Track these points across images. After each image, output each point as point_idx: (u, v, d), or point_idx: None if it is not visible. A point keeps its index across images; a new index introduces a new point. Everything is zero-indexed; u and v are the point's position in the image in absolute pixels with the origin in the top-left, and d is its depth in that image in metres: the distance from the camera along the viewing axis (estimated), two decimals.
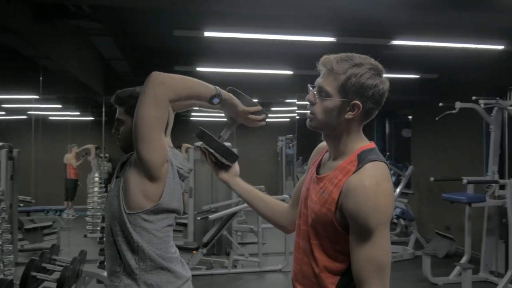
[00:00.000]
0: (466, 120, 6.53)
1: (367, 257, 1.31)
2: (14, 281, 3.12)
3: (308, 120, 1.47)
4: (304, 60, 5.75)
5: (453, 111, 5.70)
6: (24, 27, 4.08)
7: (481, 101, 5.61)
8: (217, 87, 1.64)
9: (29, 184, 7.27)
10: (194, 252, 5.97)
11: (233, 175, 1.73)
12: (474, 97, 5.64)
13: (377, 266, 1.31)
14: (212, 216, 6.01)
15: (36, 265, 3.41)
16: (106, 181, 8.54)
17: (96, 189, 8.29)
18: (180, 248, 5.98)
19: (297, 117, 8.72)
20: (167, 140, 2.00)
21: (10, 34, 4.16)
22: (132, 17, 4.58)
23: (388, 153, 9.13)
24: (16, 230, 6.09)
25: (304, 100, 1.48)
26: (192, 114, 10.93)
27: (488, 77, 6.57)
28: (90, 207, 8.21)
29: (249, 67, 6.13)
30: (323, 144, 1.58)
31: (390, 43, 4.95)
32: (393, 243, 7.56)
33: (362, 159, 1.38)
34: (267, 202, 1.73)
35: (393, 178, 8.25)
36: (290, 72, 6.47)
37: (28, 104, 7.17)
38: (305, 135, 10.74)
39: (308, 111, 1.46)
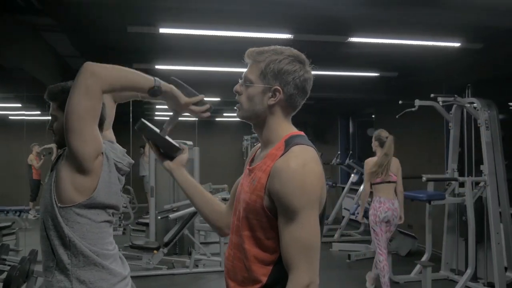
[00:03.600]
0: (427, 118, 6.65)
1: (293, 238, 1.31)
2: None
3: (236, 111, 1.51)
4: None
5: (413, 109, 5.77)
6: None
7: (440, 99, 5.68)
8: (156, 78, 1.62)
9: None
10: (155, 251, 5.90)
11: (178, 164, 1.71)
12: (432, 95, 5.72)
13: (304, 247, 1.31)
14: (172, 216, 5.96)
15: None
16: None
17: None
18: (141, 247, 5.93)
19: None
20: (109, 133, 1.96)
21: None
22: (85, 13, 4.50)
23: (351, 152, 9.23)
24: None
25: None
26: (156, 113, 10.87)
27: (448, 75, 6.70)
28: None
29: (207, 64, 6.10)
30: (257, 146, 1.61)
31: (348, 40, 5.00)
32: (356, 241, 7.67)
33: (289, 143, 1.40)
34: (207, 199, 1.71)
35: (356, 177, 8.34)
36: None
37: None
38: None
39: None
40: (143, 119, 1.64)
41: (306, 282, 1.30)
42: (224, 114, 11.77)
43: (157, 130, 1.65)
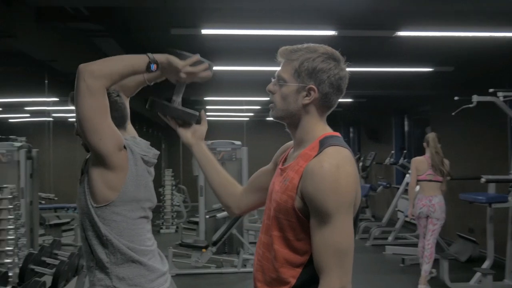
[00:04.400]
0: (489, 115, 6.27)
1: (326, 242, 1.28)
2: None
3: (270, 111, 1.50)
4: None
5: (470, 105, 5.49)
6: (27, 31, 4.20)
7: (500, 94, 5.37)
8: (149, 53, 1.62)
9: (55, 183, 7.53)
10: (204, 250, 5.99)
11: (198, 138, 1.71)
12: (491, 90, 5.41)
13: (337, 251, 1.28)
14: (219, 215, 6.02)
15: (35, 258, 3.51)
16: None
17: None
18: (190, 246, 6.03)
19: None
20: (129, 128, 1.99)
21: (14, 39, 4.28)
22: (130, 17, 4.64)
23: (405, 151, 8.90)
24: (37, 225, 6.28)
25: None
26: (208, 114, 11.06)
27: (509, 67, 6.29)
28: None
29: (252, 64, 6.10)
30: (289, 143, 1.58)
31: (395, 34, 4.81)
32: (411, 245, 7.38)
33: (323, 144, 1.37)
34: (222, 177, 1.70)
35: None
36: None
37: (49, 106, 7.41)
38: None
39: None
40: (151, 97, 1.65)
41: (338, 287, 1.27)
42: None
43: (168, 103, 1.65)
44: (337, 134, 1.46)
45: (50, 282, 3.28)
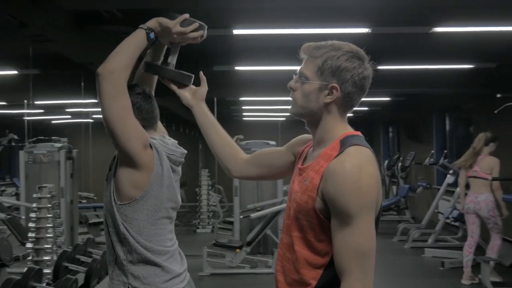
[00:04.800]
0: None
1: (347, 244, 1.26)
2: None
3: (290, 107, 1.48)
4: None
5: None
6: (65, 35, 4.34)
7: None
8: (141, 25, 1.63)
9: (95, 182, 7.74)
10: (238, 250, 5.99)
11: (198, 99, 1.72)
12: None
13: (359, 253, 1.25)
14: (253, 215, 6.01)
15: (68, 256, 3.61)
16: None
17: None
18: (224, 245, 6.05)
19: None
20: (158, 126, 2.00)
21: (53, 43, 4.43)
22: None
23: (446, 151, 8.62)
24: (76, 224, 6.48)
25: None
26: (244, 114, 11.10)
27: None
28: None
29: (285, 63, 6.05)
30: (308, 136, 1.55)
31: (432, 30, 4.66)
32: (452, 248, 7.14)
33: (344, 143, 1.34)
34: (221, 139, 1.71)
35: (453, 178, 7.78)
36: None
37: (88, 108, 7.63)
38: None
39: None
40: (146, 60, 1.70)
41: None
42: None
43: (163, 66, 1.69)
44: (358, 133, 1.42)
45: (83, 280, 3.36)
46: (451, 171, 7.87)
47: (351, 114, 11.79)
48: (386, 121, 12.33)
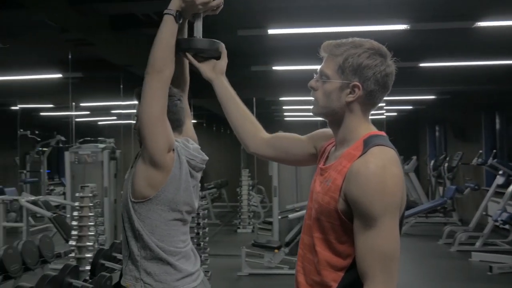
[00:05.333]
0: None
1: (370, 246, 1.23)
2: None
3: (311, 107, 1.45)
4: None
5: None
6: (104, 39, 4.46)
7: None
8: (165, 11, 1.61)
9: None
10: (276, 250, 5.96)
11: (218, 73, 1.70)
12: None
13: (382, 256, 1.22)
14: (291, 216, 5.96)
15: (105, 254, 3.69)
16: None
17: None
18: (262, 246, 6.04)
19: (385, 114, 8.26)
20: (185, 130, 1.99)
21: (93, 47, 4.57)
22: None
23: (495, 151, 8.23)
24: (120, 223, 6.66)
25: (392, 95, 1.44)
26: (285, 114, 11.05)
27: None
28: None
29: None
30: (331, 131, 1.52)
31: (475, 25, 4.46)
32: (502, 252, 6.82)
33: (368, 143, 1.31)
34: (241, 113, 1.68)
35: (503, 179, 7.43)
36: None
37: (132, 109, 7.82)
38: (398, 132, 10.19)
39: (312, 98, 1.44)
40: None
41: None
42: None
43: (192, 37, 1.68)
44: (382, 133, 1.38)
45: (118, 278, 3.43)
46: (500, 172, 7.53)
47: (394, 114, 11.53)
48: (432, 120, 11.96)
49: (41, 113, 8.68)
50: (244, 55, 5.83)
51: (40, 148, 9.07)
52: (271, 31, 4.59)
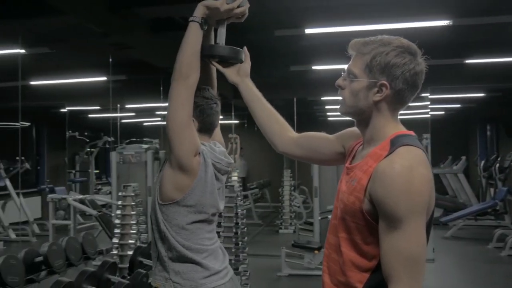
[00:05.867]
0: None
1: (395, 249, 1.21)
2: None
3: (339, 106, 1.44)
4: (425, 49, 5.22)
5: None
6: (143, 42, 4.58)
7: None
8: (190, 18, 1.64)
9: None
10: (316, 251, 5.91)
11: (243, 76, 1.72)
12: None
13: (407, 259, 1.20)
14: (330, 217, 5.89)
15: (143, 251, 3.78)
16: None
17: None
18: (302, 247, 6.01)
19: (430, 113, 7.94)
20: (215, 133, 2.02)
21: (133, 50, 4.69)
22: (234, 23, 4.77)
23: None
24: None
25: (438, 94, 1.42)
26: (328, 114, 10.90)
27: None
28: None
29: None
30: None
31: None
32: None
33: (395, 143, 1.29)
34: (267, 114, 1.69)
35: None
36: None
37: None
38: (446, 132, 9.82)
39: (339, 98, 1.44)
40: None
41: None
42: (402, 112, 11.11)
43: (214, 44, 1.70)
44: (411, 133, 1.35)
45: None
46: None
47: (441, 112, 11.15)
48: (482, 119, 11.49)
49: (89, 115, 9.02)
50: (282, 55, 5.83)
51: (89, 149, 9.43)
52: (308, 31, 4.56)
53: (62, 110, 7.85)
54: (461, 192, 9.84)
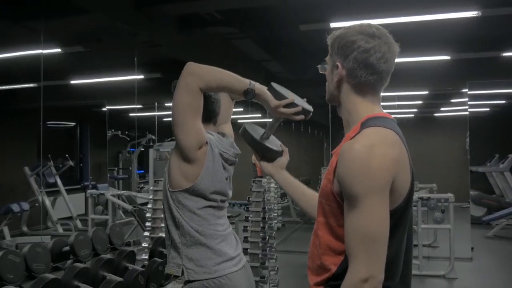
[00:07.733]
0: None
1: (353, 227, 1.21)
2: None
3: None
4: (455, 42, 4.99)
5: None
6: (169, 39, 4.68)
7: None
8: (251, 81, 1.71)
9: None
10: None
11: (278, 167, 1.76)
12: None
13: (364, 237, 1.19)
14: None
15: (164, 242, 3.87)
16: None
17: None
18: None
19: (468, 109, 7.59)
20: (226, 127, 2.12)
21: (161, 48, 4.81)
22: (262, 17, 4.79)
23: None
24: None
25: (478, 89, 1.43)
26: None
27: None
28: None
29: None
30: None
31: None
32: None
33: (364, 125, 1.30)
34: (309, 197, 1.70)
35: None
36: (447, 57, 5.71)
37: None
38: (491, 129, 9.38)
39: None
40: (245, 125, 1.75)
41: (364, 276, 1.18)
42: (442, 109, 10.75)
43: (258, 134, 1.74)
44: (386, 115, 1.34)
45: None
46: None
47: (486, 109, 10.66)
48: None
49: (130, 114, 9.28)
50: (308, 50, 5.78)
51: (131, 148, 9.73)
52: (333, 25, 4.51)
53: (103, 109, 8.12)
54: (508, 191, 9.39)
